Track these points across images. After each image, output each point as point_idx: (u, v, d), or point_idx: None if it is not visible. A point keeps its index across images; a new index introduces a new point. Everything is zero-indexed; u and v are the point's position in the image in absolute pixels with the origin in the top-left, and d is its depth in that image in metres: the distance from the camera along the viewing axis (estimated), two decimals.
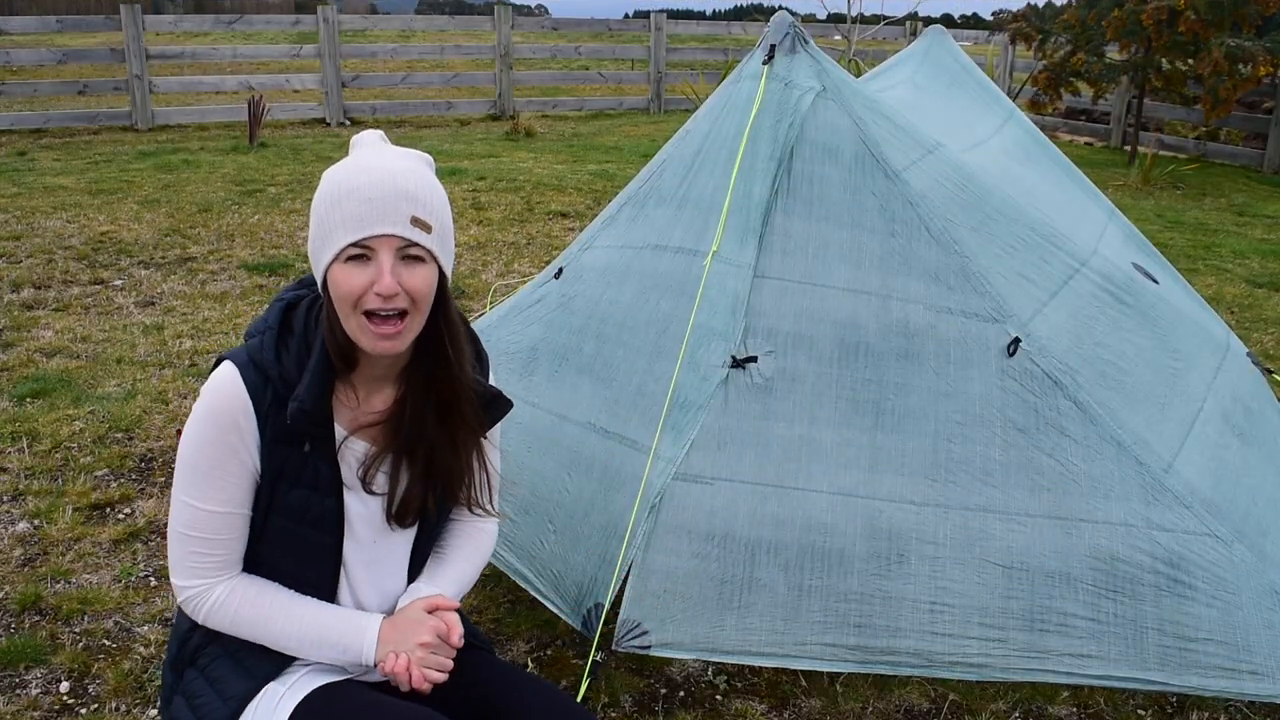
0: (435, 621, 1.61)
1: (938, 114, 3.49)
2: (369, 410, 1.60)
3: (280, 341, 1.54)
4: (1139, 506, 2.39)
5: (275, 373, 1.52)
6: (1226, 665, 2.27)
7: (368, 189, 1.44)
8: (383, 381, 1.61)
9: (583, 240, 3.04)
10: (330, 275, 1.47)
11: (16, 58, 10.89)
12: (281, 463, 1.55)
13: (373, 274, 1.45)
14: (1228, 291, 5.95)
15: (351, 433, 1.59)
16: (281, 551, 1.61)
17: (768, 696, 2.46)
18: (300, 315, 1.57)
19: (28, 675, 2.47)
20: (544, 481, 2.58)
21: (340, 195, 1.45)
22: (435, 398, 1.60)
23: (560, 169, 9.22)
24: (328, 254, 1.47)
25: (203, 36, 18.38)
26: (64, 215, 6.97)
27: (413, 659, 1.58)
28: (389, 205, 1.44)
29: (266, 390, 1.52)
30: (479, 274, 5.87)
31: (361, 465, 1.60)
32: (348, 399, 1.59)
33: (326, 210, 1.46)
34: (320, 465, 1.57)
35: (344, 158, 1.54)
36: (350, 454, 1.60)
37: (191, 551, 1.56)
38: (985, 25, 18.87)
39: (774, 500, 2.37)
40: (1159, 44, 9.45)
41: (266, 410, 1.52)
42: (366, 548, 1.66)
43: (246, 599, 1.59)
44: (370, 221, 1.44)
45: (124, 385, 4.18)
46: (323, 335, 1.53)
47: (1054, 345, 2.57)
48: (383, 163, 1.48)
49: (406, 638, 1.59)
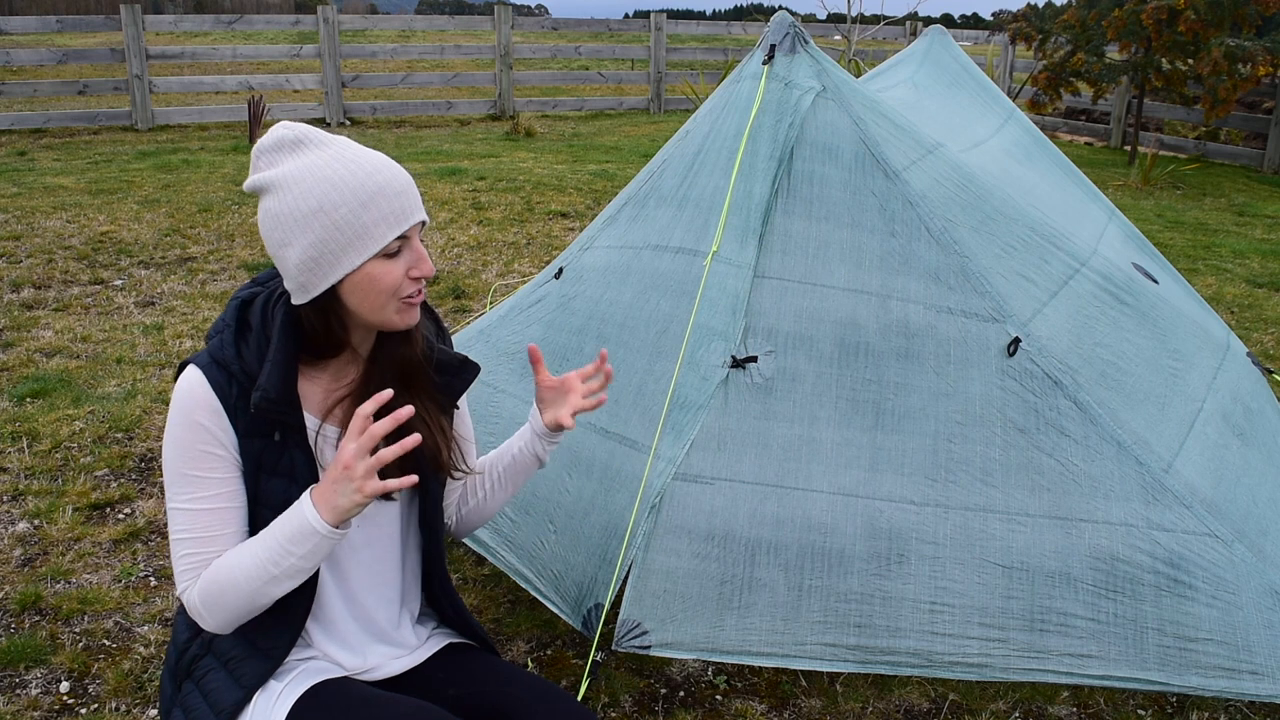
0: (354, 443, 1.48)
1: (938, 114, 3.49)
2: (337, 386, 1.65)
3: (239, 337, 1.58)
4: (1139, 506, 2.39)
5: (237, 367, 1.55)
6: (1226, 665, 2.27)
7: (392, 184, 1.51)
8: (351, 359, 1.66)
9: (583, 240, 3.04)
10: (363, 274, 1.51)
11: (16, 58, 10.89)
12: (259, 454, 1.58)
13: (407, 261, 1.53)
14: (1228, 291, 5.95)
15: (324, 419, 1.62)
16: None
17: (768, 696, 2.46)
18: (256, 311, 1.60)
19: (28, 675, 2.47)
20: (544, 481, 2.58)
21: (367, 196, 1.49)
22: (397, 370, 1.65)
23: (560, 169, 9.22)
24: (362, 255, 1.50)
25: (203, 36, 18.39)
26: (64, 215, 6.97)
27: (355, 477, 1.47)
28: (410, 193, 1.53)
29: (231, 386, 1.55)
30: (479, 274, 5.86)
31: (336, 449, 1.61)
32: (317, 383, 1.63)
33: (353, 214, 1.48)
34: (295, 453, 1.59)
35: (304, 160, 1.51)
36: (325, 443, 1.63)
37: (187, 554, 1.57)
38: (985, 25, 18.89)
39: (774, 500, 2.37)
40: (1159, 44, 9.46)
41: (234, 405, 1.55)
42: (351, 530, 1.67)
43: (215, 566, 1.55)
44: (409, 212, 1.52)
45: (124, 385, 4.18)
46: (281, 323, 1.55)
47: (1054, 345, 2.57)
48: (375, 157, 1.53)
49: (333, 471, 1.49)
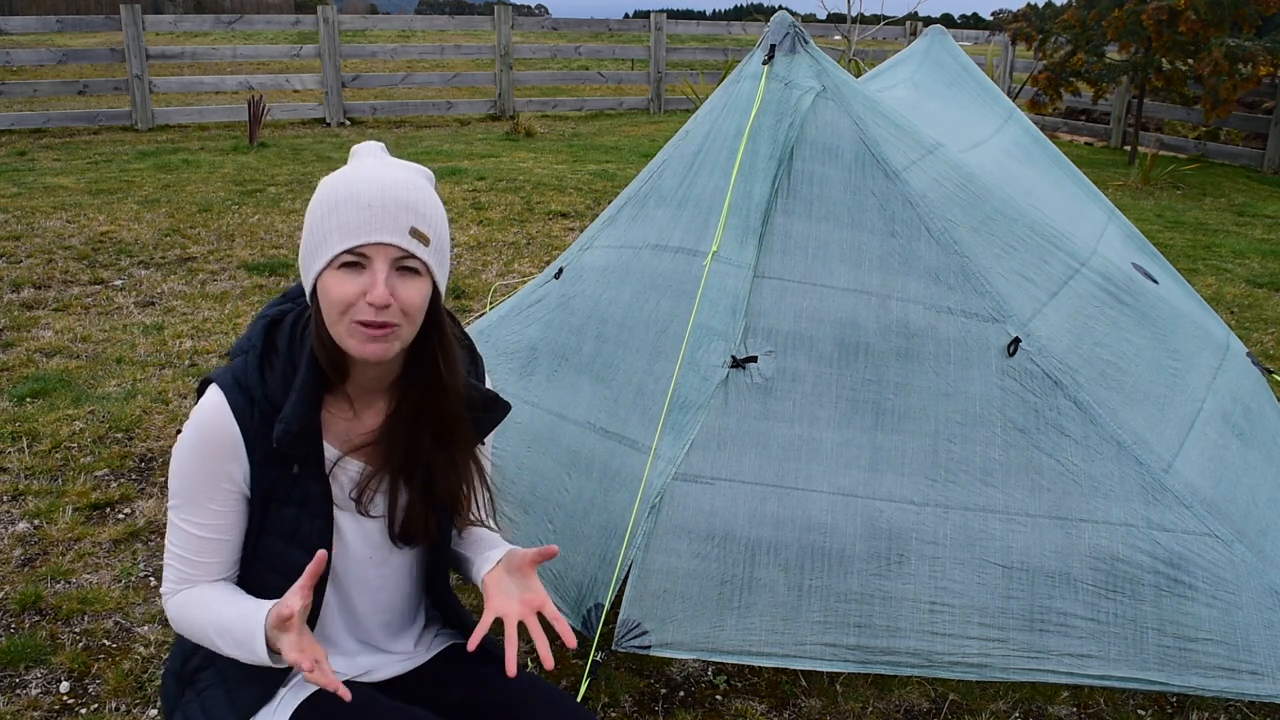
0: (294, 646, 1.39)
1: (938, 114, 3.49)
2: (361, 429, 1.57)
3: (264, 360, 1.51)
4: (1139, 506, 2.39)
5: (260, 393, 1.48)
6: (1226, 665, 2.27)
7: (366, 196, 1.41)
8: (375, 395, 1.57)
9: (583, 240, 3.04)
10: (321, 281, 1.44)
11: (16, 58, 10.89)
12: (272, 484, 1.52)
13: (365, 282, 1.41)
14: (1228, 291, 5.95)
15: (345, 453, 1.55)
16: (273, 570, 1.57)
17: (768, 696, 2.46)
18: (285, 332, 1.53)
19: (28, 675, 2.47)
20: (544, 481, 2.58)
21: (338, 201, 1.42)
22: (430, 415, 1.55)
23: (560, 169, 9.22)
24: (321, 260, 1.43)
25: (203, 36, 18.38)
26: (64, 215, 6.97)
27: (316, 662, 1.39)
28: (388, 214, 1.41)
29: (253, 412, 1.48)
30: (479, 274, 5.86)
31: (356, 486, 1.57)
32: (340, 412, 1.55)
33: (323, 216, 1.43)
34: (311, 484, 1.53)
35: (343, 165, 1.51)
36: (343, 474, 1.56)
37: (176, 566, 1.55)
38: (985, 25, 18.89)
39: (774, 500, 2.37)
40: (1159, 44, 9.45)
41: (254, 432, 1.48)
42: (364, 565, 1.62)
43: (190, 599, 1.54)
44: (368, 229, 1.40)
45: (124, 385, 4.18)
46: (310, 351, 1.49)
47: (1054, 345, 2.57)
48: (383, 172, 1.45)
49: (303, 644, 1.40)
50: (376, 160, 1.49)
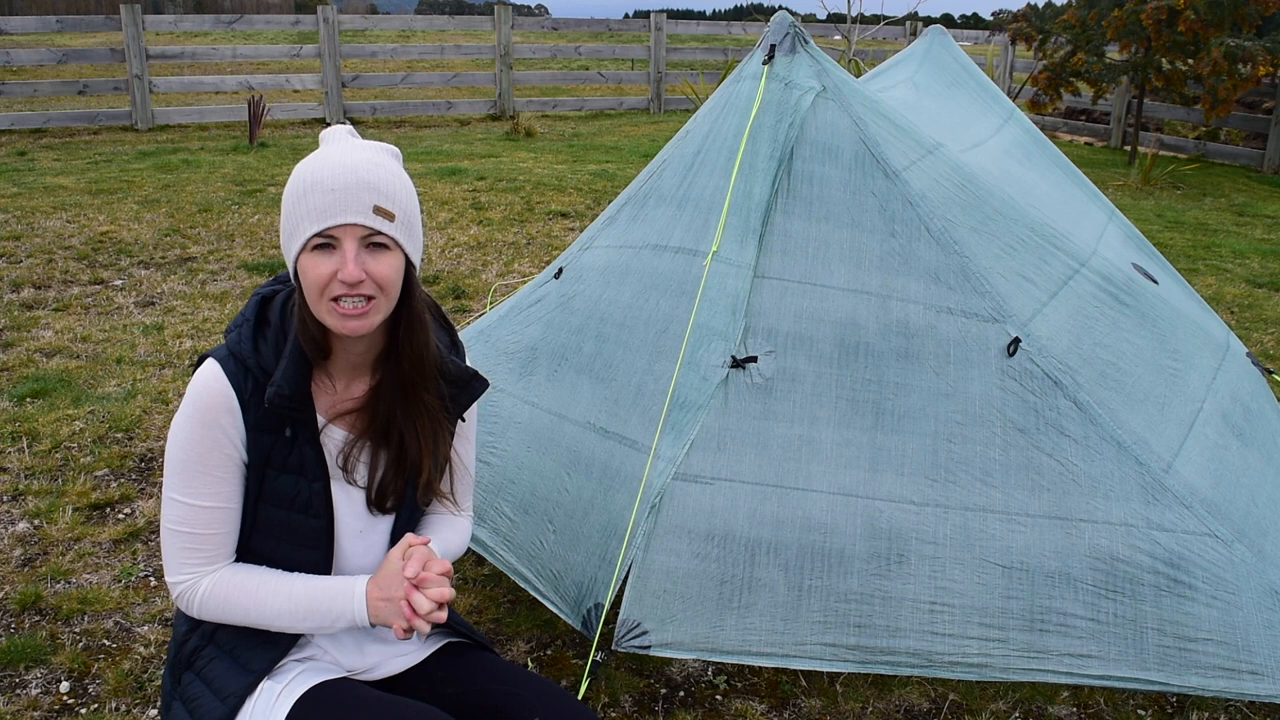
0: (414, 559, 1.60)
1: (938, 114, 3.49)
2: (347, 397, 1.66)
3: (257, 332, 1.60)
4: (1139, 506, 2.39)
5: (254, 362, 1.58)
6: (1226, 665, 2.27)
7: (330, 180, 1.50)
8: (359, 370, 1.66)
9: (583, 240, 3.04)
10: (299, 265, 1.53)
11: (16, 58, 10.89)
12: (268, 450, 1.60)
13: (338, 262, 1.51)
14: (1228, 291, 5.95)
15: (330, 420, 1.64)
16: (275, 539, 1.64)
17: (768, 696, 2.46)
18: (276, 307, 1.63)
19: (28, 675, 2.47)
20: (544, 481, 2.58)
21: (306, 188, 1.51)
22: (402, 384, 1.65)
23: (560, 169, 9.22)
24: (296, 244, 1.52)
25: (203, 36, 18.39)
26: (64, 215, 6.97)
27: (406, 602, 1.56)
28: (351, 195, 1.50)
29: (247, 380, 1.57)
30: (479, 274, 5.86)
31: (341, 452, 1.65)
32: (326, 388, 1.64)
33: (294, 203, 1.52)
34: (305, 449, 1.61)
35: (311, 154, 1.59)
36: (330, 442, 1.64)
37: (183, 547, 1.59)
38: (985, 25, 18.89)
39: (774, 500, 2.37)
40: (1159, 44, 9.45)
41: (248, 399, 1.57)
42: (353, 536, 1.70)
43: (234, 583, 1.61)
44: (333, 212, 1.49)
45: (124, 385, 4.18)
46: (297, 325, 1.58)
47: (1054, 345, 2.57)
48: (347, 156, 1.53)
49: (392, 586, 1.59)
50: (343, 144, 1.57)
